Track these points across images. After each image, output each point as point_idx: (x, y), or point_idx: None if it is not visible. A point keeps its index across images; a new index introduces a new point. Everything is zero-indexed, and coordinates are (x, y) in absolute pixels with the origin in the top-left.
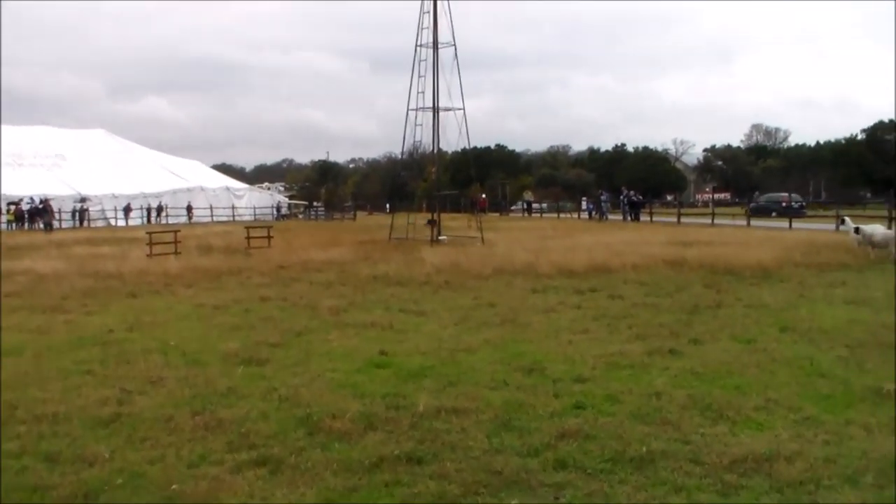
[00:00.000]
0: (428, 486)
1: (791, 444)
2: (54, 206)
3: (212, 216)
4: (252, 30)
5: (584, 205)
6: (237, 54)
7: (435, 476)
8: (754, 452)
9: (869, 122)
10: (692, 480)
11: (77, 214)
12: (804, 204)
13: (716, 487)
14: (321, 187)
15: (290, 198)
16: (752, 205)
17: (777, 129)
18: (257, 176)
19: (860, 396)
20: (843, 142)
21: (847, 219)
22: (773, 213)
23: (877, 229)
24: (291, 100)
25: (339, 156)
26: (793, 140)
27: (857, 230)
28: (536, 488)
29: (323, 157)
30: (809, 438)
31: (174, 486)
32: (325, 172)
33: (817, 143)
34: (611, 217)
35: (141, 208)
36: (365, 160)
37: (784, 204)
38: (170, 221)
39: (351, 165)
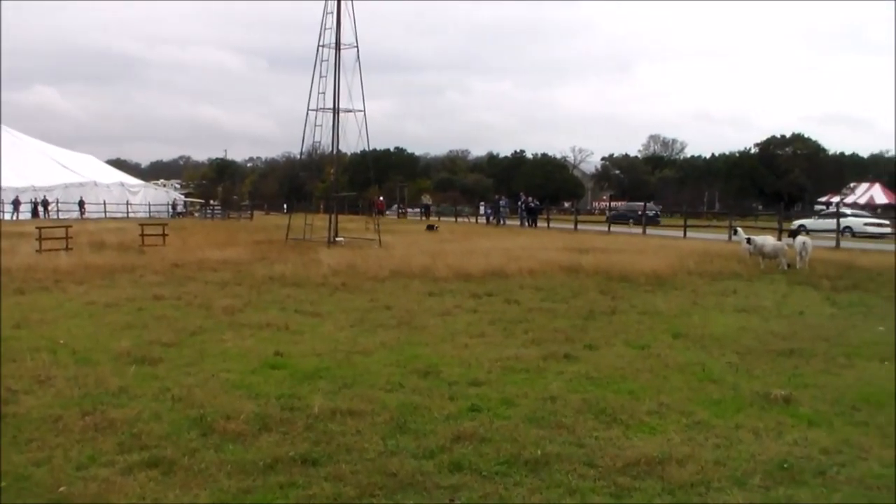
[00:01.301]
0: (323, 487)
1: (683, 447)
2: None
3: (105, 212)
4: (149, 23)
5: (482, 209)
6: (133, 47)
7: (330, 478)
8: (647, 455)
9: (762, 137)
10: (586, 483)
11: None
12: (659, 213)
13: (609, 490)
14: (218, 186)
15: (187, 196)
16: (611, 213)
17: (674, 141)
18: (153, 172)
19: (749, 401)
20: (738, 155)
21: (739, 229)
22: (630, 221)
23: (767, 240)
24: (188, 96)
25: (237, 154)
26: (689, 151)
27: (748, 241)
28: (432, 490)
29: (221, 155)
30: (700, 442)
31: (62, 489)
32: (223, 171)
33: (712, 155)
34: (508, 222)
35: (31, 202)
36: (263, 159)
37: (640, 213)
38: (61, 216)
39: (249, 164)
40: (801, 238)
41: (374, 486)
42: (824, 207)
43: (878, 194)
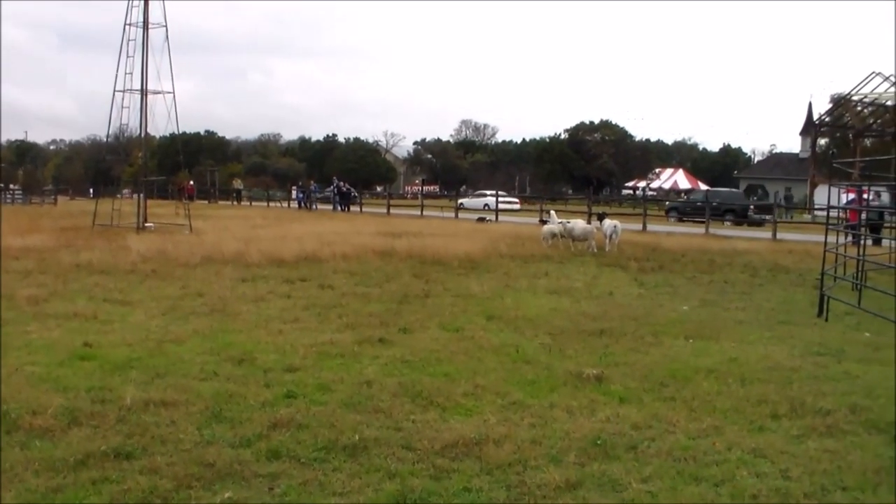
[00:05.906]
0: (138, 481)
1: (499, 427)
2: None
3: None
4: None
5: (294, 194)
6: None
7: (145, 471)
8: (464, 437)
9: (571, 123)
10: (405, 466)
11: None
12: (357, 194)
13: (428, 472)
14: (19, 169)
15: None
16: (328, 193)
17: (485, 126)
18: None
19: (562, 381)
20: (548, 140)
21: (553, 212)
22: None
23: (577, 224)
24: None
25: (39, 137)
26: (500, 136)
27: (544, 224)
28: (250, 479)
29: (20, 137)
30: (516, 422)
31: None
32: (23, 154)
33: (523, 139)
34: (321, 207)
35: None
36: (67, 142)
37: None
38: None
39: (52, 147)
40: (609, 222)
41: (191, 478)
42: (632, 192)
43: (682, 179)
